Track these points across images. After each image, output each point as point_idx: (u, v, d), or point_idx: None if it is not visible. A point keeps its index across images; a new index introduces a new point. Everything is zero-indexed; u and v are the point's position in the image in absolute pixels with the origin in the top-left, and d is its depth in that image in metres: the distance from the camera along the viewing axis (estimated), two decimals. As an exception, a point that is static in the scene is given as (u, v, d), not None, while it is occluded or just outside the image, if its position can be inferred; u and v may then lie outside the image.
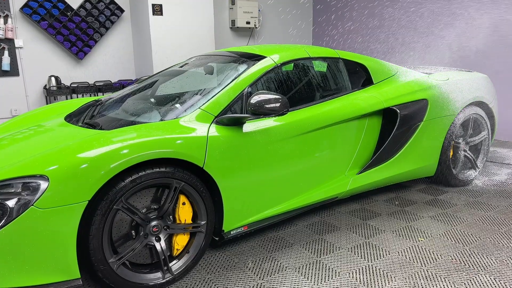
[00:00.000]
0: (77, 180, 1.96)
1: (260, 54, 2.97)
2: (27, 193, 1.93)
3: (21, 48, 5.47)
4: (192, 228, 2.39)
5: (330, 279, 2.39)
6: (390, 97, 3.25)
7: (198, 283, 2.37)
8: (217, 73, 2.85)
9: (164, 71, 3.40)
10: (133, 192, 2.15)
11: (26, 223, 1.89)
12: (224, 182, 2.42)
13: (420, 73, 3.75)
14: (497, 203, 3.46)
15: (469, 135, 3.85)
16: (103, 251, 2.09)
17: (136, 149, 2.10)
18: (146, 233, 2.24)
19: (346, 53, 3.33)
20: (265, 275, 2.44)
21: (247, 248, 2.76)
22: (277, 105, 2.43)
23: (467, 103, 3.69)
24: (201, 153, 2.31)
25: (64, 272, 1.99)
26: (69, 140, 2.30)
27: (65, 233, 1.95)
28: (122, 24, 6.20)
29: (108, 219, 2.08)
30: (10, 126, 3.01)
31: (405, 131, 3.29)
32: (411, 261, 2.56)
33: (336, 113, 2.93)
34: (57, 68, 5.77)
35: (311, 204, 2.90)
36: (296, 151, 2.74)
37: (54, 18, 5.53)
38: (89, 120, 2.72)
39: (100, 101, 3.15)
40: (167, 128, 2.30)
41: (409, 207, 3.42)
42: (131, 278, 2.20)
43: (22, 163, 2.06)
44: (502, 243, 2.78)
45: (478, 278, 2.37)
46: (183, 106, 2.58)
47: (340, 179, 3.05)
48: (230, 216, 2.51)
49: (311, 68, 3.04)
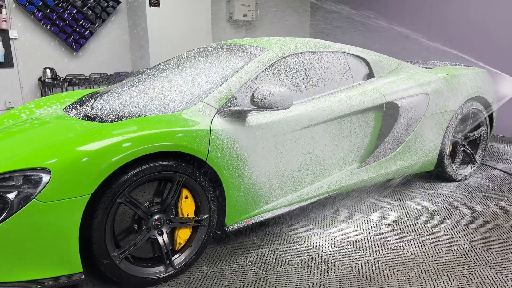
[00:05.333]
0: (80, 173, 1.93)
1: (262, 46, 2.94)
2: (28, 186, 1.90)
3: (15, 39, 5.39)
4: (195, 222, 2.37)
5: (333, 273, 2.39)
6: (391, 91, 3.24)
7: (200, 277, 2.35)
8: (219, 65, 2.82)
9: (164, 63, 3.36)
10: (136, 185, 2.12)
11: (27, 216, 1.86)
12: (227, 176, 2.40)
13: (421, 68, 3.74)
14: (495, 197, 3.48)
15: (468, 130, 3.86)
16: (106, 244, 2.06)
17: (138, 142, 2.07)
18: (149, 226, 2.22)
19: (347, 47, 3.31)
20: (267, 269, 2.43)
21: (249, 242, 2.75)
22: (280, 98, 2.41)
23: (467, 98, 3.69)
24: (204, 147, 2.29)
25: (66, 266, 1.96)
26: (70, 133, 2.27)
27: (68, 227, 1.92)
28: (118, 16, 6.13)
29: (111, 212, 2.06)
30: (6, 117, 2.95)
31: (406, 125, 3.29)
32: (412, 255, 2.57)
33: (337, 107, 2.91)
34: (52, 59, 5.70)
35: (312, 198, 2.89)
36: (298, 144, 2.72)
37: (49, 9, 5.44)
38: (89, 113, 2.68)
39: (99, 93, 3.11)
40: (169, 121, 2.27)
41: (409, 201, 3.43)
42: (133, 272, 2.18)
43: (23, 155, 2.03)
44: (502, 237, 2.79)
45: (480, 272, 2.38)
46: (185, 99, 2.55)
47: (342, 173, 3.05)
48: (232, 209, 2.50)
49: (314, 61, 3.01)
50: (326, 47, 3.17)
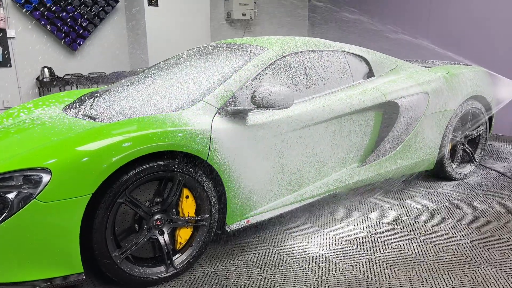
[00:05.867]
0: (80, 173, 1.92)
1: (262, 46, 2.93)
2: (28, 186, 1.89)
3: (13, 39, 5.36)
4: (196, 222, 2.36)
5: (334, 272, 2.39)
6: (392, 90, 3.23)
7: (201, 277, 2.35)
8: (219, 65, 2.81)
9: (164, 62, 3.34)
10: (137, 185, 2.11)
11: (28, 216, 1.85)
12: (227, 175, 2.39)
13: (420, 67, 3.74)
14: (495, 196, 3.48)
15: (468, 129, 3.87)
16: (107, 244, 2.05)
17: (138, 142, 2.06)
18: (150, 226, 2.21)
19: (347, 46, 3.31)
20: (268, 268, 2.43)
21: (249, 242, 2.74)
22: (281, 98, 2.41)
23: (466, 97, 3.69)
24: (204, 146, 2.28)
25: (67, 266, 1.95)
26: (70, 132, 2.26)
27: (68, 227, 1.91)
28: (116, 15, 6.11)
29: (112, 212, 2.05)
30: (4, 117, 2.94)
31: (406, 124, 3.29)
32: (413, 254, 2.57)
33: (338, 106, 2.91)
34: (50, 59, 5.67)
35: (313, 197, 2.89)
36: (299, 144, 2.71)
37: (47, 8, 5.42)
38: (88, 112, 2.67)
39: (99, 92, 3.10)
40: (169, 121, 2.26)
41: (409, 200, 3.43)
42: (134, 272, 2.17)
43: (23, 155, 2.01)
44: (502, 236, 2.79)
45: (480, 271, 2.38)
46: (185, 98, 2.54)
47: (342, 172, 3.04)
48: (233, 209, 2.49)
49: (314, 60, 3.01)
50: (326, 46, 3.16)
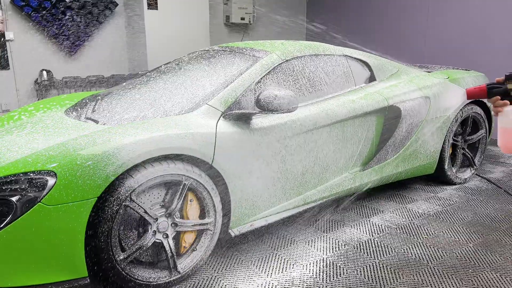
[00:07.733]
0: (85, 177, 1.91)
1: (265, 49, 2.94)
2: (33, 190, 1.87)
3: (11, 41, 5.33)
4: (200, 226, 2.35)
5: (338, 276, 2.38)
6: (393, 94, 3.25)
7: (205, 281, 2.33)
8: (223, 68, 2.81)
9: (165, 65, 3.34)
10: (142, 189, 2.10)
11: (33, 220, 1.84)
12: (232, 179, 2.39)
13: (421, 71, 3.76)
14: (495, 201, 3.50)
15: (468, 133, 3.89)
16: (111, 248, 2.03)
17: (142, 145, 2.06)
18: (154, 230, 2.20)
19: (348, 50, 3.32)
20: (272, 273, 2.42)
21: (253, 246, 2.73)
22: (285, 102, 2.41)
23: (467, 101, 3.71)
24: (209, 150, 2.27)
25: (71, 270, 1.94)
26: (73, 135, 2.24)
27: (74, 231, 1.90)
28: (115, 18, 6.09)
29: (117, 216, 2.03)
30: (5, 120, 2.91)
31: (408, 128, 3.30)
32: (417, 258, 2.57)
33: (340, 110, 2.91)
34: (49, 62, 5.64)
35: (316, 201, 2.89)
36: (302, 148, 2.71)
37: (46, 11, 5.40)
38: (91, 115, 2.65)
39: (100, 95, 3.08)
40: (174, 124, 2.25)
41: (410, 204, 3.43)
42: (138, 276, 2.15)
43: (27, 158, 1.99)
44: (504, 240, 2.80)
45: (484, 275, 2.39)
46: (190, 102, 2.53)
47: (344, 176, 3.04)
48: (237, 213, 2.48)
49: (316, 64, 3.01)
50: (328, 50, 3.17)
